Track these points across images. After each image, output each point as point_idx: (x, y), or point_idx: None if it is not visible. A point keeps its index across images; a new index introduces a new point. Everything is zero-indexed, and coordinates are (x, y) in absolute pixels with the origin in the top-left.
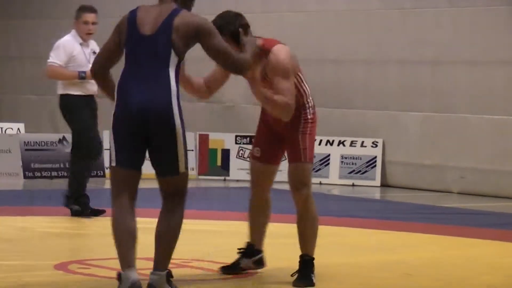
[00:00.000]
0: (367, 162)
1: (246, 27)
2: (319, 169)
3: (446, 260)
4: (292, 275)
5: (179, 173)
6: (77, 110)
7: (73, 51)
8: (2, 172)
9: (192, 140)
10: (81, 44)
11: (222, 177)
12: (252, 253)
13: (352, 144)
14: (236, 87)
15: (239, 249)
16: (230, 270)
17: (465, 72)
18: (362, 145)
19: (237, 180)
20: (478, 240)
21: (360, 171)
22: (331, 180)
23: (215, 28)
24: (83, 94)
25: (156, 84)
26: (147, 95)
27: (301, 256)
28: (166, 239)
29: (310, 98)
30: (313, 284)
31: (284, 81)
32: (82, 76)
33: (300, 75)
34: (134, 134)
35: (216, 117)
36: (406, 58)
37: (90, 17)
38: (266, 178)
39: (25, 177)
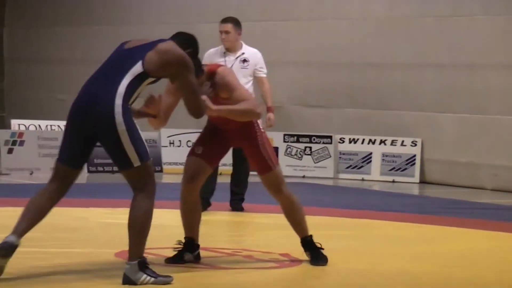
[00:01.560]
0: (406, 160)
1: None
2: (362, 166)
3: (480, 252)
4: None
5: (133, 167)
6: None
7: (211, 61)
8: None
9: None
10: (224, 53)
11: None
12: (193, 248)
13: (392, 143)
14: (284, 89)
15: (180, 242)
16: (174, 261)
17: (498, 76)
18: (402, 144)
19: (285, 176)
20: (510, 234)
21: (400, 168)
22: (372, 176)
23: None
24: None
25: (104, 86)
26: (92, 95)
27: (303, 239)
28: (132, 230)
29: None
30: (327, 259)
31: (238, 90)
32: None
33: None
34: (76, 133)
35: (265, 117)
36: (442, 63)
37: (221, 27)
38: (201, 176)
39: (88, 171)
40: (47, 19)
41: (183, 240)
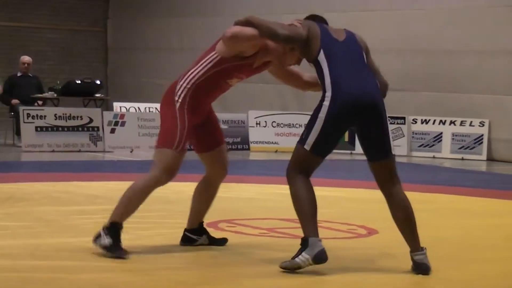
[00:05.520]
0: (475, 139)
1: None
2: (433, 145)
3: None
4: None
5: (392, 153)
6: None
7: None
8: None
9: None
10: None
11: (349, 151)
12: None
13: (462, 123)
14: None
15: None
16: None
17: None
18: (470, 125)
19: (362, 154)
20: None
21: (468, 147)
22: (443, 154)
23: None
24: None
25: (370, 77)
26: (370, 87)
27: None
28: (410, 223)
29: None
30: None
31: None
32: None
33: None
34: (345, 126)
35: None
36: None
37: None
38: None
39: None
40: (147, 11)
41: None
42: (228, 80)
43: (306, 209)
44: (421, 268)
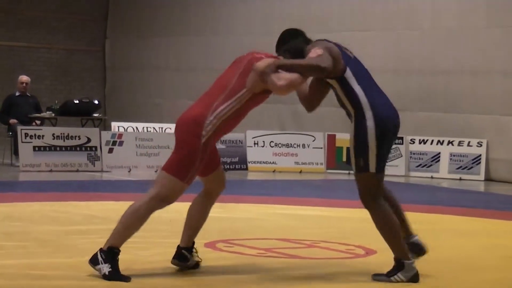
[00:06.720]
0: (472, 159)
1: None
2: (431, 165)
3: None
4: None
5: None
6: None
7: None
8: None
9: (322, 139)
10: None
11: (347, 171)
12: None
13: (459, 143)
14: None
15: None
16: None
17: None
18: (468, 145)
19: None
20: None
21: (466, 167)
22: (441, 174)
23: None
24: None
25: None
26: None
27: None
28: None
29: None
30: None
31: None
32: None
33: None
34: (391, 142)
35: (342, 120)
36: (508, 69)
37: None
38: None
39: None
40: (144, 31)
41: None
42: (249, 111)
43: (397, 232)
44: (417, 247)
